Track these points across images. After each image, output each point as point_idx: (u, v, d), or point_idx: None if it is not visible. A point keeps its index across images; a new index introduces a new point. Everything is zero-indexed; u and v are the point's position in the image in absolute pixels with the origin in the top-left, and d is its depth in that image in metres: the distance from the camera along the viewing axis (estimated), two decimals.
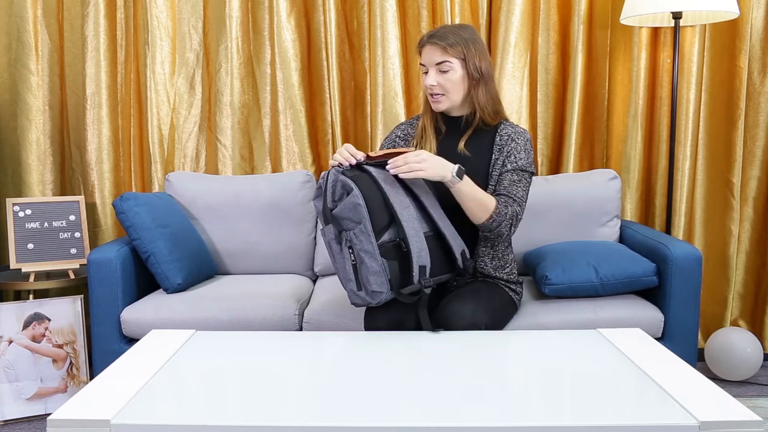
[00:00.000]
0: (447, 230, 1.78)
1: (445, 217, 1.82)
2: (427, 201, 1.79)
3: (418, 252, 1.67)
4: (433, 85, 1.91)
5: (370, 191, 1.67)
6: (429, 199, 1.80)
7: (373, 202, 1.66)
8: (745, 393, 2.53)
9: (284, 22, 2.76)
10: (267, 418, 1.15)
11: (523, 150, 1.94)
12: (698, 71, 2.71)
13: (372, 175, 1.71)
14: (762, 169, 2.76)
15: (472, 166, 1.96)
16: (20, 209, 2.58)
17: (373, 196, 1.67)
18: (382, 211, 1.68)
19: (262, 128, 2.84)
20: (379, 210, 1.67)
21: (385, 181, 1.71)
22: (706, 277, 2.84)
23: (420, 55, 1.95)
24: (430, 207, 1.78)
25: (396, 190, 1.72)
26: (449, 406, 1.19)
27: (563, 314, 2.10)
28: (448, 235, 1.77)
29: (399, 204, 1.69)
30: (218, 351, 1.53)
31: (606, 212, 2.54)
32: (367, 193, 1.66)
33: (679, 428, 1.12)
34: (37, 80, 2.77)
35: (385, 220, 1.68)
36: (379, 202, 1.68)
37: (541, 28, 2.76)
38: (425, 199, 1.79)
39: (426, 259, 1.68)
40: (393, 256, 1.67)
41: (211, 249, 2.61)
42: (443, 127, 2.02)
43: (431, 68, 1.91)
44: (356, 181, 1.67)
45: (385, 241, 1.66)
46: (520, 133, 1.97)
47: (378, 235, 1.66)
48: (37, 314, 2.38)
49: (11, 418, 2.34)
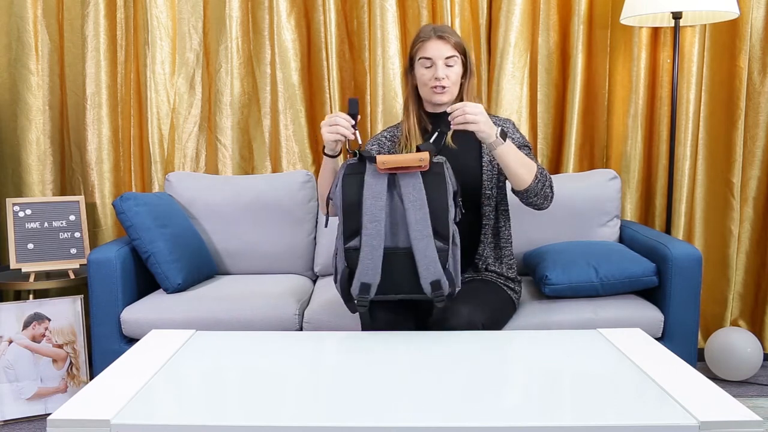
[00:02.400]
0: (421, 254, 1.65)
1: (430, 239, 1.65)
2: (415, 215, 1.65)
3: (365, 269, 1.65)
4: (443, 77, 1.91)
5: (352, 193, 1.67)
6: (418, 214, 1.65)
7: (350, 206, 1.67)
8: (745, 393, 2.53)
9: (284, 22, 2.76)
10: (267, 418, 1.15)
11: (514, 131, 2.01)
12: (698, 71, 2.71)
13: (363, 177, 1.68)
14: (762, 169, 2.76)
15: (461, 160, 1.98)
16: (20, 209, 2.58)
17: (354, 199, 1.67)
18: (357, 217, 1.67)
19: (262, 128, 2.84)
20: (354, 215, 1.67)
21: (369, 186, 1.66)
22: (706, 277, 2.84)
23: (421, 50, 1.94)
24: (415, 223, 1.64)
25: (377, 198, 1.65)
26: (449, 406, 1.19)
27: (563, 314, 2.10)
28: (418, 260, 1.65)
29: (369, 214, 1.65)
30: (218, 351, 1.53)
31: (606, 212, 2.54)
32: (348, 194, 1.67)
33: (679, 428, 1.12)
34: (37, 80, 2.77)
35: (356, 226, 1.67)
36: (355, 206, 1.67)
37: (541, 28, 2.76)
38: (414, 213, 1.65)
39: (373, 278, 1.66)
40: (354, 264, 1.67)
41: (211, 249, 2.61)
42: (429, 126, 2.03)
43: (439, 61, 1.91)
44: (346, 180, 1.68)
45: (350, 247, 1.67)
46: (505, 120, 2.05)
47: (348, 239, 1.67)
48: (37, 314, 2.38)
49: (11, 418, 2.34)
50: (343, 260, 1.69)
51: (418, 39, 1.96)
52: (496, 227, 2.03)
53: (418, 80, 1.98)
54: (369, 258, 1.65)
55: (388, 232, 1.66)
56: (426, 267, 1.65)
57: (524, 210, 2.52)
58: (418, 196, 1.65)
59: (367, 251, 1.65)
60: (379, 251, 1.65)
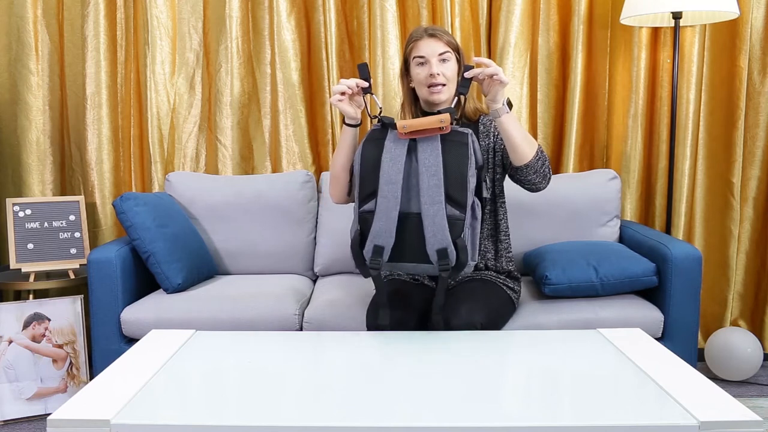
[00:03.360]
0: (430, 220, 1.62)
1: (441, 206, 1.62)
2: (428, 181, 1.62)
3: (379, 230, 1.64)
4: (438, 73, 1.90)
5: (372, 156, 1.67)
6: (432, 180, 1.62)
7: (368, 168, 1.67)
8: (745, 393, 2.53)
9: (284, 22, 2.76)
10: (267, 418, 1.15)
11: None
12: (698, 71, 2.71)
13: (383, 140, 1.68)
14: (762, 169, 2.76)
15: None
16: (20, 209, 2.58)
17: (372, 162, 1.67)
18: (374, 179, 1.67)
19: (262, 128, 2.84)
20: (371, 176, 1.67)
21: (388, 150, 1.66)
22: (706, 277, 2.84)
23: (414, 49, 1.94)
24: (427, 188, 1.62)
25: (395, 161, 1.64)
26: (449, 406, 1.19)
27: (563, 314, 2.10)
28: (426, 225, 1.63)
29: (386, 177, 1.64)
30: (218, 351, 1.53)
31: (606, 212, 2.54)
32: (367, 157, 1.68)
33: (679, 428, 1.12)
34: (37, 80, 2.77)
35: (372, 188, 1.67)
36: (374, 169, 1.67)
37: (541, 28, 2.76)
38: (427, 178, 1.62)
39: (387, 240, 1.64)
40: (367, 227, 1.67)
41: (211, 249, 2.61)
42: None
43: (432, 58, 1.91)
44: (366, 144, 1.69)
45: (365, 210, 1.68)
46: None
47: (363, 201, 1.68)
48: (37, 314, 2.38)
49: (11, 418, 2.34)
50: (356, 223, 1.69)
51: (411, 39, 1.97)
52: (494, 219, 2.03)
53: (414, 80, 1.97)
54: (383, 220, 1.63)
55: (404, 196, 1.64)
56: (433, 234, 1.62)
57: (524, 210, 2.52)
58: (434, 162, 1.63)
59: (382, 213, 1.63)
60: (394, 213, 1.63)
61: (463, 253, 1.63)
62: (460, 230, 1.63)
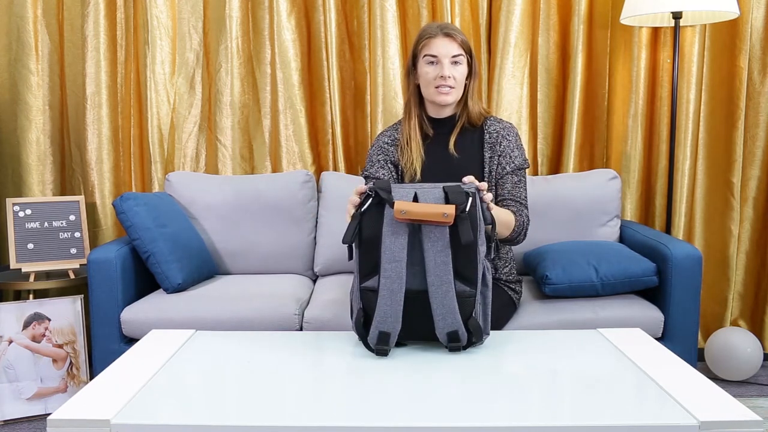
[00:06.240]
0: (438, 302, 1.45)
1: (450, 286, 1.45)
2: (435, 258, 1.45)
3: (384, 315, 1.45)
4: (449, 76, 1.85)
5: (371, 229, 1.47)
6: (439, 257, 1.45)
7: (370, 241, 1.47)
8: (745, 393, 2.53)
9: (284, 22, 2.76)
10: (267, 418, 1.15)
11: (516, 147, 1.95)
12: (698, 71, 2.71)
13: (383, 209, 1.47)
14: (762, 169, 2.76)
15: (462, 166, 1.94)
16: (20, 209, 2.58)
17: (372, 236, 1.47)
18: (376, 254, 1.47)
19: (262, 128, 2.84)
20: (372, 252, 1.48)
21: (389, 224, 1.46)
22: (706, 277, 2.84)
23: (426, 47, 1.87)
24: (434, 267, 1.45)
25: (398, 234, 1.45)
26: (449, 406, 1.19)
27: (563, 314, 2.10)
28: (434, 308, 1.45)
29: (389, 253, 1.44)
30: (218, 351, 1.53)
31: (606, 212, 2.54)
32: (367, 229, 1.47)
33: (679, 428, 1.12)
34: (37, 80, 2.77)
35: (373, 263, 1.48)
36: (374, 243, 1.47)
37: (541, 28, 2.76)
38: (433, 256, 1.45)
39: (393, 326, 1.45)
40: (371, 307, 1.48)
41: (211, 249, 2.61)
42: (430, 131, 1.97)
43: (445, 60, 1.85)
44: (366, 213, 1.48)
45: (367, 287, 1.49)
46: (508, 129, 1.96)
47: (365, 277, 1.49)
48: (37, 314, 2.38)
49: (11, 418, 2.34)
50: (358, 300, 1.50)
51: (424, 35, 1.88)
52: None
53: (421, 79, 1.90)
54: (388, 304, 1.44)
55: (409, 271, 1.47)
56: (442, 317, 1.45)
57: None
58: (440, 236, 1.44)
59: (386, 295, 1.44)
60: (400, 296, 1.44)
61: (476, 334, 1.48)
62: (471, 307, 1.47)
